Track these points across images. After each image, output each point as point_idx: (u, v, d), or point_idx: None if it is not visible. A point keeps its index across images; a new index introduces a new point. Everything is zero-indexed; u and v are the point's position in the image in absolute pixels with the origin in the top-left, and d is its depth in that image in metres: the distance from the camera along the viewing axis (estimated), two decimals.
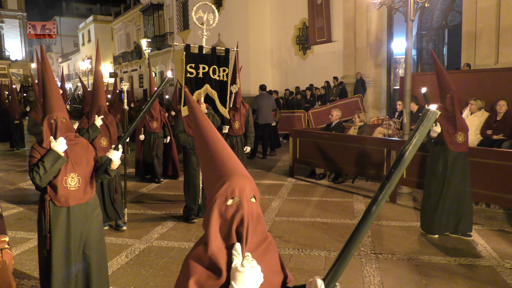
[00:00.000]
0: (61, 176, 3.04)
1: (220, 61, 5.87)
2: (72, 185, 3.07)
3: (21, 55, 44.60)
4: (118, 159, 3.18)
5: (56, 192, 3.04)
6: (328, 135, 8.01)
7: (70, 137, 3.13)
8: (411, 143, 1.33)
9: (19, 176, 9.49)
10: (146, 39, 23.31)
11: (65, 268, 3.10)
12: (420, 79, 9.43)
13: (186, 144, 5.85)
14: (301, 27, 18.76)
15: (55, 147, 2.99)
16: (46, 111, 3.08)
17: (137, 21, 35.48)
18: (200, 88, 5.74)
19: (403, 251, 4.65)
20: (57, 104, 3.09)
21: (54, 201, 3.05)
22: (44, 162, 2.94)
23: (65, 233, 3.10)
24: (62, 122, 3.07)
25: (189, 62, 5.66)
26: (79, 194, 3.10)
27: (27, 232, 5.60)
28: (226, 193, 1.35)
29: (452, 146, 4.89)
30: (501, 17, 10.88)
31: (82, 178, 3.12)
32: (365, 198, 6.90)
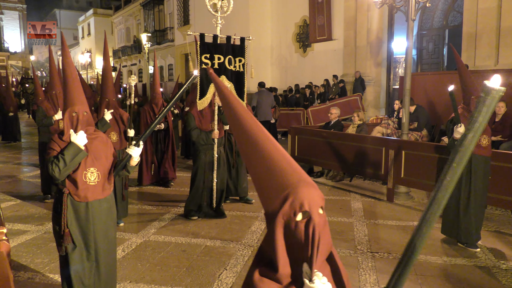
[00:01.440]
0: (81, 170, 2.99)
1: (235, 50, 5.62)
2: (92, 180, 3.02)
3: (20, 47, 44.48)
4: (138, 156, 3.13)
5: (76, 187, 2.99)
6: (326, 133, 8.02)
7: (90, 131, 3.09)
8: (472, 128, 1.08)
9: (16, 168, 9.48)
10: (146, 34, 23.23)
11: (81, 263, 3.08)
12: (420, 79, 9.44)
13: (200, 140, 5.61)
14: (302, 25, 18.73)
15: (75, 140, 2.95)
16: (68, 104, 3.03)
17: (137, 15, 35.38)
18: None
19: (399, 250, 4.67)
20: (78, 97, 3.05)
21: (73, 195, 3.00)
22: (64, 155, 2.88)
23: (83, 228, 3.05)
24: (83, 116, 3.03)
25: (204, 52, 5.39)
26: (98, 190, 3.06)
27: (24, 224, 5.60)
28: (293, 207, 1.17)
29: (477, 149, 4.60)
30: (502, 18, 10.87)
31: (102, 173, 3.08)
32: (362, 197, 6.92)
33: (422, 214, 1.10)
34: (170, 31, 30.02)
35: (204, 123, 5.64)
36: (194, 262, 4.40)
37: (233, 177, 6.57)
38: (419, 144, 6.74)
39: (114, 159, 3.21)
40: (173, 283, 3.92)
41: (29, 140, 14.13)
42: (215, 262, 4.38)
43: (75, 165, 2.95)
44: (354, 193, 7.19)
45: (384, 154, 6.76)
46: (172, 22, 29.64)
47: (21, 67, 43.56)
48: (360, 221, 5.71)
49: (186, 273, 4.14)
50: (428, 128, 8.08)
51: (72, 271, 3.03)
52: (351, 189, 7.43)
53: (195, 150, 5.80)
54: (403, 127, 6.77)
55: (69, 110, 3.01)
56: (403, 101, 6.77)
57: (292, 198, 1.16)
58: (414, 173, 6.35)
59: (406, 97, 6.66)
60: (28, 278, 4.02)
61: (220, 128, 5.73)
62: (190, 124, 5.63)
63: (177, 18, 28.50)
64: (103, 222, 3.14)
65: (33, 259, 4.45)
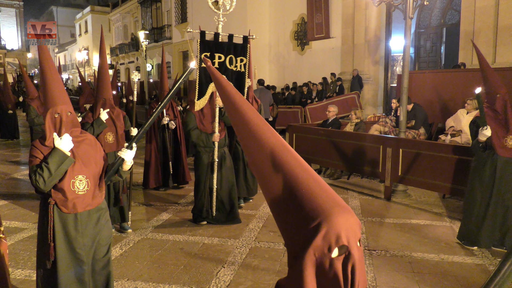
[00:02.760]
0: (68, 179, 2.69)
1: (237, 50, 5.39)
2: (81, 189, 2.73)
3: (17, 45, 44.31)
4: (131, 159, 2.85)
5: (63, 197, 2.69)
6: (324, 131, 8.02)
7: (75, 133, 2.78)
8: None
9: (13, 166, 9.46)
10: (143, 31, 23.18)
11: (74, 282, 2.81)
12: (417, 77, 9.45)
13: (200, 141, 5.35)
14: (300, 23, 18.71)
15: (60, 145, 2.63)
16: (48, 104, 2.70)
17: (135, 12, 35.27)
18: None
19: (396, 248, 4.68)
20: (60, 96, 2.73)
21: (60, 206, 2.71)
22: (48, 163, 2.57)
23: (71, 242, 2.78)
24: (67, 116, 2.71)
25: (204, 50, 5.17)
26: (87, 199, 2.77)
27: (21, 222, 5.59)
28: (328, 241, 0.94)
29: (502, 150, 4.41)
30: (500, 17, 10.89)
31: (91, 180, 2.78)
32: (360, 195, 6.93)
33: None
34: (167, 28, 29.95)
35: (205, 123, 5.39)
36: (192, 259, 4.40)
37: (248, 177, 6.31)
38: (417, 142, 6.76)
39: (105, 163, 2.92)
40: (170, 280, 3.93)
41: (27, 138, 14.08)
42: (213, 260, 4.39)
43: (61, 174, 2.65)
44: (351, 191, 7.21)
45: (381, 152, 6.77)
46: (169, 19, 29.56)
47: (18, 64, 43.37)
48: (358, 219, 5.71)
49: (183, 270, 4.15)
50: (425, 126, 8.10)
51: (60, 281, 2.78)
52: (348, 187, 7.44)
53: (196, 152, 5.54)
54: (401, 125, 6.78)
55: (50, 111, 2.68)
56: (401, 99, 6.78)
57: (326, 229, 0.93)
58: (411, 171, 6.36)
59: (403, 95, 6.66)
60: (26, 276, 4.02)
61: (221, 129, 5.48)
62: (190, 124, 5.36)
63: (175, 16, 28.43)
64: (95, 234, 2.87)
65: (31, 257, 4.45)
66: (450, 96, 8.58)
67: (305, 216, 0.96)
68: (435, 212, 5.98)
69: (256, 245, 4.80)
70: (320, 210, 0.95)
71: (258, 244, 4.81)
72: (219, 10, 5.36)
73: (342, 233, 0.93)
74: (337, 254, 0.94)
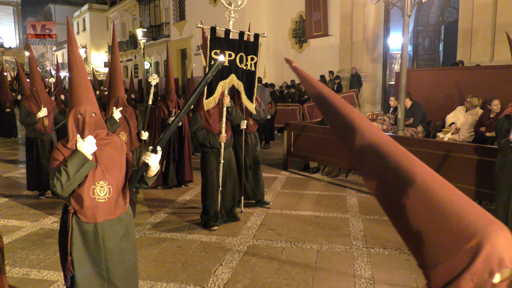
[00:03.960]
0: (88, 185, 2.49)
1: (248, 48, 5.21)
2: (101, 196, 2.52)
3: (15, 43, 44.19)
4: (156, 164, 2.53)
5: (82, 205, 2.49)
6: (322, 129, 8.02)
7: (101, 136, 2.59)
8: None
9: (11, 164, 9.44)
10: (141, 29, 23.15)
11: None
12: (415, 75, 9.45)
13: (206, 142, 5.14)
14: (298, 20, 18.70)
15: (81, 147, 2.44)
16: (72, 104, 2.54)
17: (133, 10, 35.20)
18: (226, 78, 5.03)
19: (394, 245, 4.69)
20: (85, 96, 2.56)
21: (79, 215, 2.51)
22: (67, 166, 2.38)
23: (91, 255, 2.56)
24: (91, 117, 2.53)
25: (214, 47, 4.95)
26: (109, 207, 2.56)
27: (18, 220, 5.58)
28: (489, 264, 0.80)
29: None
30: (498, 14, 10.91)
31: (114, 187, 2.57)
32: (358, 193, 6.93)
33: None
34: (165, 26, 29.91)
35: (211, 123, 5.19)
36: (190, 257, 4.40)
37: (250, 180, 6.14)
38: (414, 140, 6.76)
39: (130, 169, 2.69)
40: (168, 279, 3.93)
41: (25, 136, 14.05)
42: (211, 258, 4.39)
43: (80, 178, 2.45)
44: (349, 188, 7.21)
45: None
46: (168, 17, 29.53)
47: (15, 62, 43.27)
48: (356, 216, 5.72)
49: (181, 268, 4.14)
50: (423, 124, 8.11)
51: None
52: (346, 185, 7.45)
53: (203, 153, 5.31)
54: (399, 123, 6.78)
55: (73, 111, 2.51)
56: (399, 97, 6.78)
57: (487, 250, 0.79)
58: None
59: (401, 93, 6.66)
60: (23, 274, 4.01)
61: (227, 129, 5.29)
62: (196, 124, 5.17)
63: (173, 14, 28.40)
64: (117, 248, 2.62)
65: (28, 255, 4.44)
66: (448, 94, 8.58)
67: (457, 236, 0.82)
68: None
69: (254, 243, 4.80)
70: (475, 227, 0.81)
71: (256, 242, 4.81)
72: (230, 6, 5.17)
73: (505, 255, 0.79)
74: (499, 280, 0.80)
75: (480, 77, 8.14)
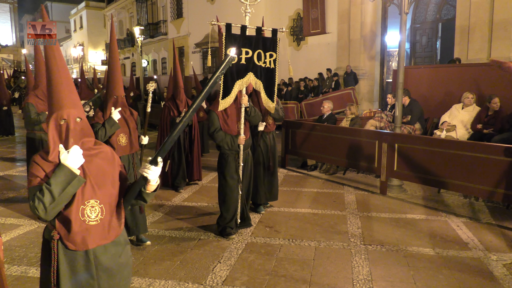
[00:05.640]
0: (76, 205, 2.09)
1: (266, 44, 4.90)
2: (92, 218, 2.13)
3: (11, 40, 44.03)
4: (156, 178, 2.16)
5: (69, 229, 2.09)
6: (320, 127, 8.03)
7: (88, 145, 2.18)
8: None
9: (9, 163, 9.43)
10: (139, 27, 23.05)
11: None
12: (413, 73, 9.47)
13: (224, 144, 4.84)
14: (296, 18, 18.69)
15: (66, 160, 2.04)
16: (53, 108, 2.11)
17: (130, 8, 35.10)
18: (243, 77, 4.78)
19: (392, 242, 4.71)
20: (68, 97, 2.13)
21: (66, 242, 2.10)
22: (51, 184, 1.97)
23: (82, 287, 2.19)
24: (76, 123, 2.12)
25: (230, 45, 4.66)
26: (102, 231, 2.17)
27: (16, 218, 5.57)
28: None
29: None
30: (495, 11, 10.92)
31: (107, 206, 2.19)
32: (355, 190, 6.95)
33: None
34: (163, 24, 29.85)
35: (229, 123, 4.88)
36: (188, 255, 4.41)
37: (265, 182, 5.88)
38: (412, 137, 6.77)
39: (124, 183, 2.31)
40: (167, 276, 3.93)
41: (23, 134, 14.01)
42: (209, 255, 4.40)
43: (67, 198, 2.04)
44: (347, 186, 7.23)
45: (377, 147, 6.79)
46: (165, 15, 29.46)
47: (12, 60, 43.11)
48: (354, 214, 5.74)
49: (180, 266, 4.15)
50: (421, 121, 8.13)
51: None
52: (344, 182, 7.46)
53: (221, 155, 4.98)
54: (396, 121, 6.79)
55: (54, 116, 2.09)
56: (396, 95, 6.79)
57: None
58: (407, 166, 6.38)
59: (399, 90, 6.67)
60: (21, 273, 4.01)
61: (246, 130, 4.99)
62: (213, 125, 4.84)
63: (170, 11, 28.33)
64: (113, 277, 2.25)
65: (26, 253, 4.44)
66: (446, 91, 8.60)
67: None
68: (430, 207, 6.01)
69: (252, 240, 4.81)
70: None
71: (254, 240, 4.82)
72: (246, 1, 4.91)
73: None
74: None
75: (478, 74, 8.17)
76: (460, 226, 5.22)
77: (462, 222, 5.34)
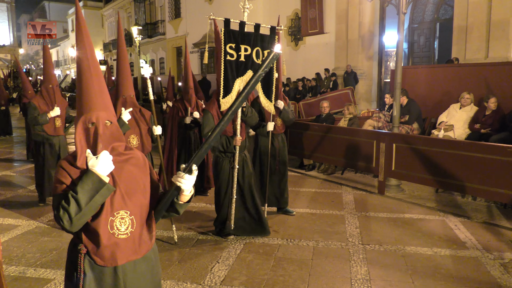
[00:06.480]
0: (105, 216, 1.92)
1: (264, 41, 4.75)
2: (122, 231, 1.96)
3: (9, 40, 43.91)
4: (190, 188, 1.99)
5: (97, 243, 1.92)
6: (318, 127, 8.04)
7: (118, 150, 2.01)
8: None
9: (6, 163, 9.40)
10: (137, 27, 23.06)
11: None
12: (411, 72, 9.49)
13: (219, 145, 4.72)
14: (294, 18, 18.70)
15: (95, 167, 1.87)
16: (82, 110, 1.96)
17: (128, 8, 35.05)
18: (242, 75, 4.61)
19: (390, 242, 4.72)
20: (98, 99, 1.98)
21: (94, 256, 1.94)
22: (77, 192, 1.81)
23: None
24: (105, 127, 1.96)
25: (229, 41, 4.54)
26: (132, 245, 2.00)
27: (14, 219, 5.56)
28: None
29: None
30: (492, 12, 10.96)
31: (138, 218, 2.01)
32: (354, 190, 6.96)
33: None
34: (161, 24, 29.83)
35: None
36: (186, 255, 4.41)
37: (274, 185, 5.74)
38: (410, 137, 6.79)
39: (156, 192, 2.12)
40: (165, 276, 3.93)
41: (21, 134, 14.00)
42: (207, 255, 4.40)
43: (95, 208, 1.87)
44: (345, 186, 7.24)
45: (375, 147, 6.81)
46: (163, 15, 29.44)
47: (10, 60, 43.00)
48: (352, 213, 5.75)
49: (178, 266, 4.15)
50: (419, 121, 8.15)
51: None
52: (342, 182, 7.47)
53: (216, 158, 4.88)
54: (394, 120, 6.81)
55: (82, 119, 1.94)
56: (394, 95, 6.80)
57: None
58: (405, 166, 6.40)
59: (397, 90, 6.69)
60: (20, 273, 4.01)
61: (242, 131, 4.82)
62: (207, 126, 4.66)
63: (168, 11, 28.32)
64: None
65: (24, 254, 4.44)
66: (444, 91, 8.62)
67: None
68: (428, 206, 6.03)
69: (250, 240, 4.81)
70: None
71: (253, 240, 4.82)
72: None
73: None
74: None
75: (475, 74, 8.19)
76: (458, 225, 5.24)
77: (459, 222, 5.36)
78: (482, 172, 5.50)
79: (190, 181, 1.94)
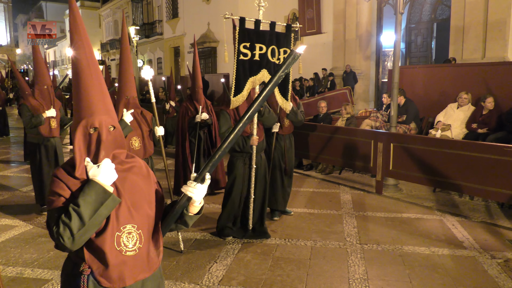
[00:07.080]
0: (111, 232, 1.71)
1: (280, 40, 4.70)
2: (130, 247, 1.76)
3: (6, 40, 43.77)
4: (201, 199, 1.85)
5: (104, 262, 1.72)
6: (316, 127, 8.04)
7: (119, 158, 1.81)
8: None
9: (3, 164, 9.38)
10: (134, 27, 23.03)
11: None
12: (408, 72, 9.50)
13: (235, 145, 4.66)
14: (291, 18, 18.70)
15: (97, 176, 1.67)
16: (81, 114, 1.75)
17: (126, 8, 34.98)
18: (256, 74, 4.56)
19: (387, 242, 4.72)
20: (101, 102, 1.77)
21: (99, 277, 1.72)
22: (79, 205, 1.59)
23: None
24: (109, 133, 1.76)
25: (244, 40, 4.47)
26: (141, 263, 1.80)
27: (11, 219, 5.55)
28: None
29: None
30: (489, 12, 10.99)
31: (145, 232, 1.81)
32: (351, 190, 6.97)
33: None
34: (158, 24, 29.79)
35: None
36: (184, 255, 4.41)
37: (285, 186, 5.66)
38: (408, 137, 6.80)
39: (160, 203, 1.93)
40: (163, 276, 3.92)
41: (18, 135, 13.95)
42: (205, 255, 4.40)
43: (99, 223, 1.66)
44: (343, 185, 7.24)
45: (373, 146, 6.81)
46: (160, 15, 29.40)
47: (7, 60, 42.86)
48: (349, 213, 5.76)
49: (176, 266, 4.15)
50: (416, 121, 8.16)
51: None
52: (340, 182, 7.48)
53: (231, 157, 4.85)
54: (392, 120, 6.82)
55: (83, 123, 1.73)
56: (392, 94, 6.81)
57: None
58: (402, 165, 6.41)
59: (394, 90, 6.70)
60: (17, 273, 4.00)
61: (259, 131, 4.76)
62: (224, 125, 4.64)
63: (166, 11, 28.28)
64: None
65: (22, 254, 4.42)
66: (441, 90, 8.64)
67: None
68: (426, 206, 6.04)
69: (248, 240, 4.81)
70: None
71: (251, 240, 4.82)
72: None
73: None
74: None
75: (472, 74, 8.21)
76: (455, 225, 5.25)
77: (457, 221, 5.37)
78: (480, 172, 5.51)
79: (202, 191, 1.79)
